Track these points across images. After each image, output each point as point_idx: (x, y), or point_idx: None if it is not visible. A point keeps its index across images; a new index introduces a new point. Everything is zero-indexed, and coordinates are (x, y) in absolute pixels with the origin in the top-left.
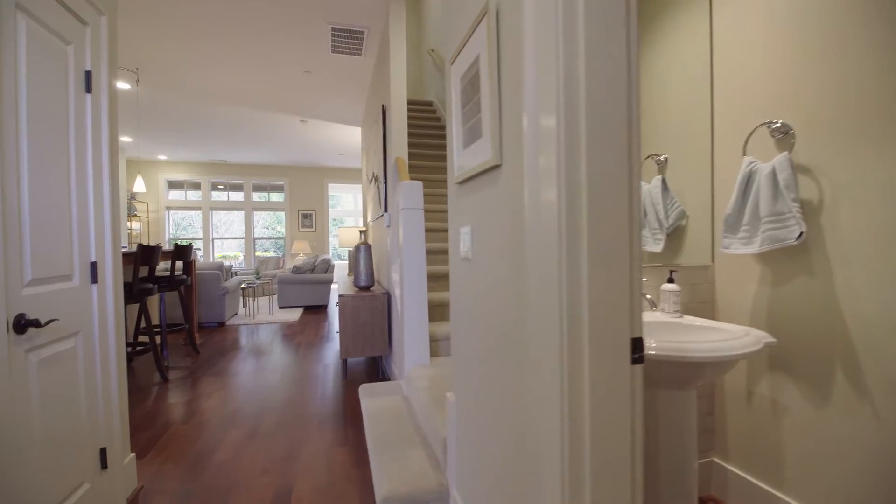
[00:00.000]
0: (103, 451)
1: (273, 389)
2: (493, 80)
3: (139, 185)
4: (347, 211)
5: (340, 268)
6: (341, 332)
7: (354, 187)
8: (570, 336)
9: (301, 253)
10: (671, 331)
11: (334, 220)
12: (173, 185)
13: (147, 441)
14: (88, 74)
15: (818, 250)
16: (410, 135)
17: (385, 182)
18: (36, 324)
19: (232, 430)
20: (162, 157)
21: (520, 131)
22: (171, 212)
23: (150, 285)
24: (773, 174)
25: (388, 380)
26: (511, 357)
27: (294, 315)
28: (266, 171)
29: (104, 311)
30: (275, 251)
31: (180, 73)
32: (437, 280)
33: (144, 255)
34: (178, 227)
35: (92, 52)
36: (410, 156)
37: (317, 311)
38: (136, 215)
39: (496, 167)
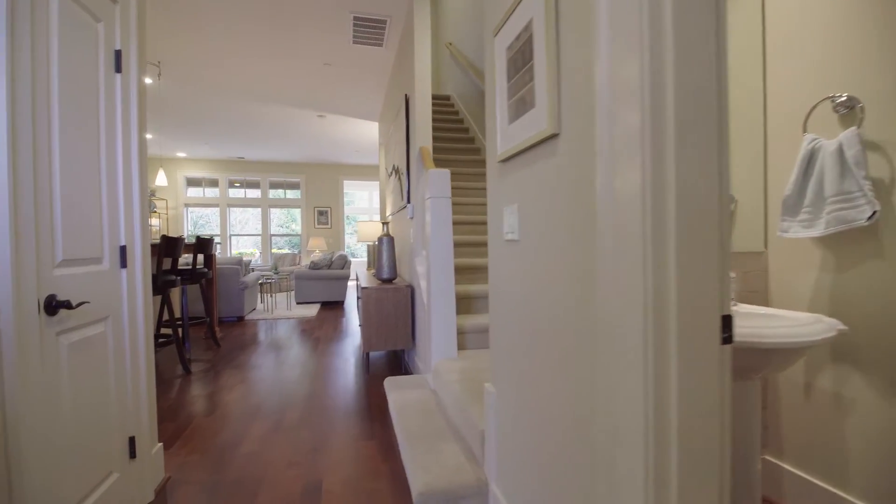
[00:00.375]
0: (132, 440)
1: (295, 383)
2: (550, 43)
3: (160, 179)
4: (361, 208)
5: (356, 265)
6: (364, 325)
7: (369, 184)
8: (655, 312)
9: (317, 249)
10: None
11: (349, 217)
12: (192, 182)
13: (172, 432)
14: (118, 54)
15: (890, 232)
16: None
17: (408, 173)
18: (67, 305)
19: (256, 422)
20: (181, 155)
21: (586, 93)
22: (190, 209)
23: (174, 277)
24: (840, 151)
25: (412, 374)
26: (570, 340)
27: (311, 311)
28: (283, 168)
29: (133, 296)
30: (290, 249)
31: (200, 68)
32: (461, 273)
33: (168, 246)
34: (196, 224)
35: (122, 30)
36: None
37: (334, 307)
38: (155, 212)
39: (553, 137)
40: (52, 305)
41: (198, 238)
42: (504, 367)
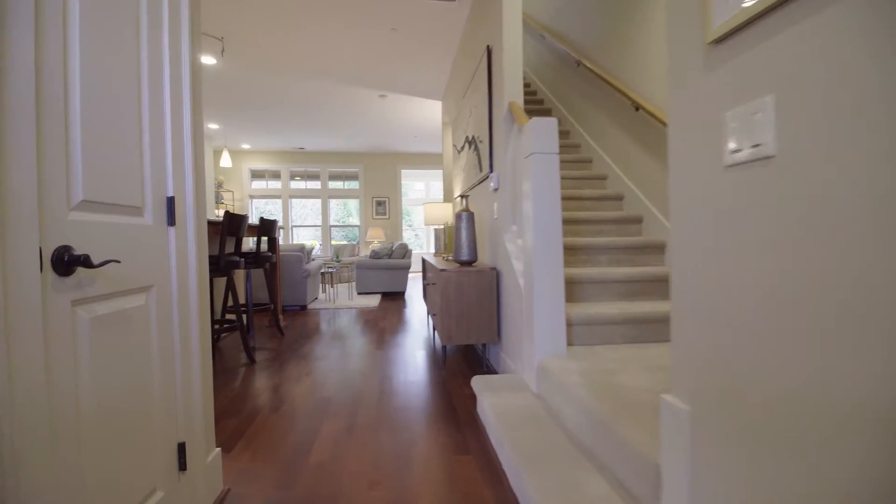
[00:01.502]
0: (182, 448)
1: (364, 377)
2: None
3: (225, 159)
4: (416, 199)
5: (417, 254)
6: (441, 314)
7: (426, 174)
8: None
9: (376, 240)
10: None
11: (405, 210)
12: (256, 174)
13: (234, 431)
14: None
15: None
16: None
17: (490, 138)
18: (85, 262)
19: (327, 421)
20: (246, 146)
21: None
22: (254, 200)
23: (238, 258)
24: None
25: (496, 372)
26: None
27: (373, 301)
28: (341, 158)
29: (184, 263)
30: (347, 241)
31: (263, 44)
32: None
33: (232, 224)
34: (262, 215)
35: None
36: None
37: (395, 297)
38: (222, 203)
39: None
40: (65, 261)
41: (261, 220)
42: (720, 374)
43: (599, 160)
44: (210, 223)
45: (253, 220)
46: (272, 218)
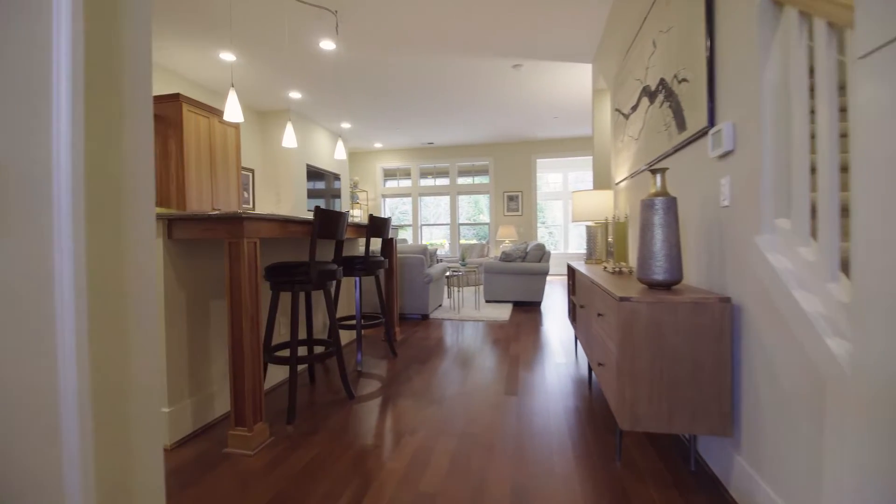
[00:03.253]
0: None
1: (489, 452)
2: None
3: (339, 151)
4: (553, 192)
5: (557, 257)
6: (619, 371)
7: (564, 163)
8: None
9: (507, 239)
10: None
11: (540, 205)
12: (388, 173)
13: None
14: None
15: None
16: None
17: (711, 66)
18: None
19: None
20: (378, 145)
21: None
22: (387, 199)
23: (335, 266)
24: None
25: (713, 481)
26: None
27: (503, 312)
28: (470, 151)
29: None
30: (477, 240)
31: (379, 15)
32: None
33: (325, 225)
34: (393, 214)
35: None
36: None
37: (529, 308)
38: (357, 203)
39: None
40: None
41: (371, 218)
42: None
43: None
44: (299, 221)
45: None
46: (384, 217)
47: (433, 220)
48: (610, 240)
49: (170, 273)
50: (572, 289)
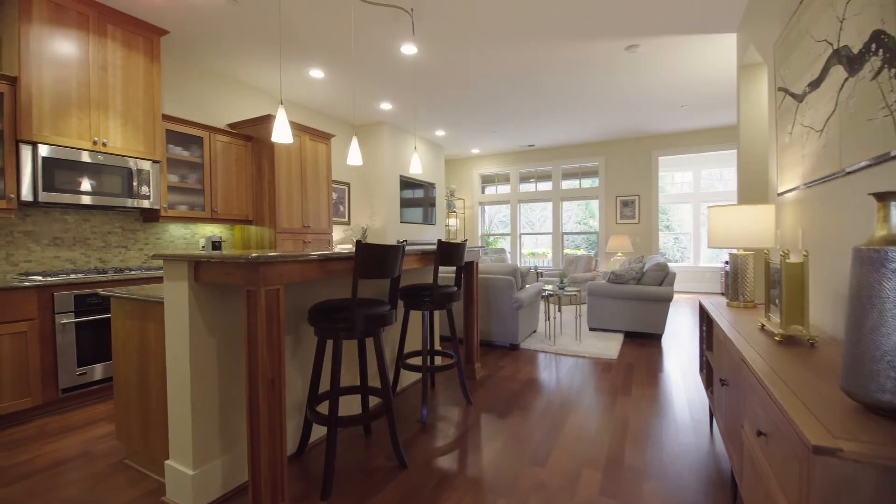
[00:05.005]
0: None
1: None
2: None
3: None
4: (681, 195)
5: (686, 274)
6: None
7: (695, 161)
8: None
9: (619, 252)
10: None
11: (663, 209)
12: (486, 179)
13: None
14: None
15: None
16: None
17: None
18: None
19: None
20: (475, 151)
21: None
22: (485, 207)
23: (385, 308)
24: None
25: None
26: None
27: (610, 346)
28: (577, 151)
29: None
30: (586, 248)
31: (460, 11)
32: None
33: (368, 261)
34: (492, 222)
35: None
36: None
37: (644, 341)
38: (453, 212)
39: None
40: None
41: (440, 244)
42: None
43: None
44: (338, 258)
45: (483, 227)
46: (456, 241)
47: (535, 228)
48: (773, 276)
49: (196, 318)
50: (706, 340)
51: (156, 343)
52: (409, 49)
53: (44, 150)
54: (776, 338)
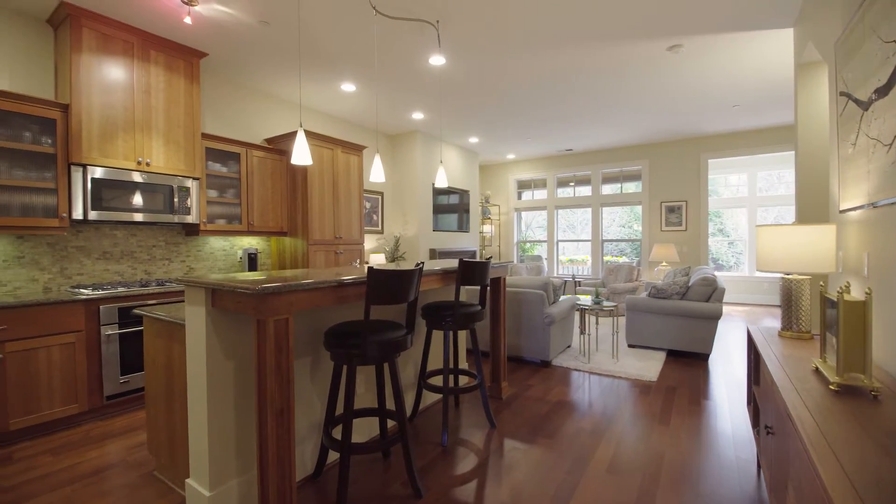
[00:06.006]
0: None
1: None
2: None
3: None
4: (735, 199)
5: (735, 283)
6: None
7: (748, 162)
8: None
9: (663, 262)
10: None
11: (713, 214)
12: (522, 184)
13: None
14: None
15: None
16: None
17: None
18: None
19: None
20: (511, 157)
21: None
22: (522, 213)
23: (400, 333)
24: None
25: None
26: None
27: (650, 366)
28: (618, 155)
29: None
30: (632, 252)
31: (486, 20)
32: None
33: (380, 288)
34: (528, 227)
35: None
36: None
37: (689, 361)
38: (488, 218)
39: None
40: None
41: (462, 263)
42: None
43: None
44: (350, 284)
45: (518, 234)
46: (478, 259)
47: (576, 232)
48: (830, 310)
49: (213, 342)
50: (754, 373)
51: (179, 362)
52: (437, 60)
53: (93, 172)
54: (831, 386)
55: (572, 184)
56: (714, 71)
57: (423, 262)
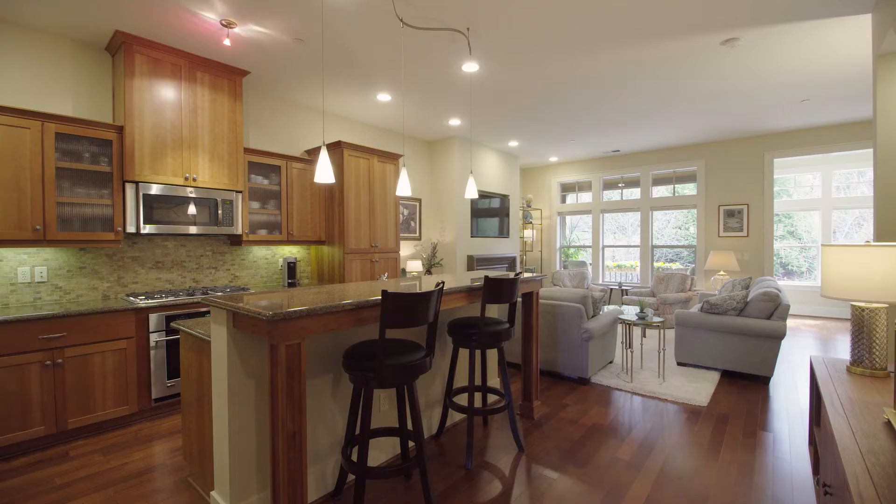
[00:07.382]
0: None
1: None
2: None
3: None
4: (806, 201)
5: (804, 294)
6: None
7: (820, 162)
8: None
9: (721, 271)
10: None
11: (779, 216)
12: (567, 188)
13: None
14: None
15: None
16: None
17: None
18: None
19: None
20: (553, 159)
21: None
22: (566, 217)
23: (418, 356)
24: None
25: None
26: None
27: (701, 388)
28: (670, 156)
29: None
30: (687, 257)
31: (518, 24)
32: None
33: (399, 308)
34: (573, 230)
35: None
36: None
37: (746, 383)
38: (529, 223)
39: None
40: None
41: (487, 281)
42: None
43: None
44: (366, 307)
45: (561, 238)
46: (506, 275)
47: (627, 235)
48: None
49: (235, 360)
50: (815, 412)
51: (207, 377)
52: (470, 67)
53: (145, 188)
54: None
55: (620, 186)
56: (777, 64)
57: (443, 282)
